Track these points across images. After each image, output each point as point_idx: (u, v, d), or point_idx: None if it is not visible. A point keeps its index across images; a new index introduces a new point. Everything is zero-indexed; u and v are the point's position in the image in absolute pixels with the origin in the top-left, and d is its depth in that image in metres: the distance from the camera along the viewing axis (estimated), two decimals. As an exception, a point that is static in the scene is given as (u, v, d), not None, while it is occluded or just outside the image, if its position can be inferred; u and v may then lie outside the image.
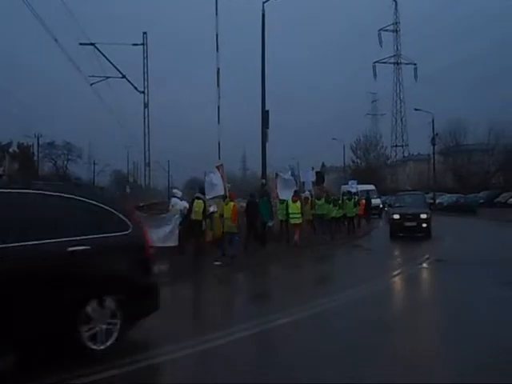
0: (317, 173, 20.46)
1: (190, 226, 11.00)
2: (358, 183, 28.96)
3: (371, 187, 30.99)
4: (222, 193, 12.30)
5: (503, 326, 5.56)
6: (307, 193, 16.85)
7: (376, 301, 7.27)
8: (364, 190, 27.48)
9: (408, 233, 16.30)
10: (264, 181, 17.64)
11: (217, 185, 12.28)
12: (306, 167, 19.41)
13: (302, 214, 14.21)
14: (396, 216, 16.66)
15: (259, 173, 20.26)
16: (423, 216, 16.23)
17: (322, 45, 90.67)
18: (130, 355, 4.36)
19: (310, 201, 15.83)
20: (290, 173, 16.36)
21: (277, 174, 16.14)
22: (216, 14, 17.25)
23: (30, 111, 65.92)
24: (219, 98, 17.13)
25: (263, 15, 17.59)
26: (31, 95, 71.60)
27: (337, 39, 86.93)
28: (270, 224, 13.60)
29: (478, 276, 8.93)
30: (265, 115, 17.53)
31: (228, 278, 10.24)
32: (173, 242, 10.53)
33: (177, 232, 10.65)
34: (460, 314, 6.20)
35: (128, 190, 33.68)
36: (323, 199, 16.88)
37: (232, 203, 11.63)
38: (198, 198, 11.21)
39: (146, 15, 75.48)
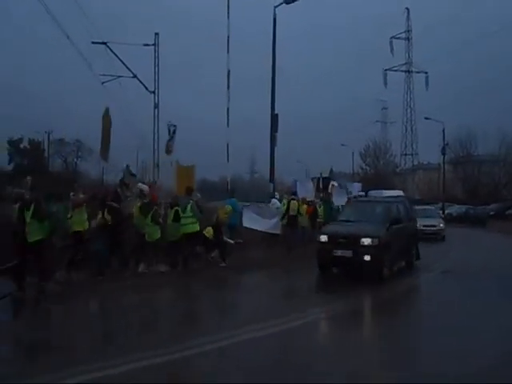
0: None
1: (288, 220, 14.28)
2: (380, 189, 27.42)
3: (399, 193, 28.20)
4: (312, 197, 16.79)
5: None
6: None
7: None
8: (391, 197, 25.24)
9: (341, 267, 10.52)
10: (272, 185, 17.59)
11: (307, 191, 16.99)
12: (314, 172, 20.08)
13: None
14: (323, 238, 10.06)
15: (267, 176, 20.24)
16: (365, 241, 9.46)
17: (332, 51, 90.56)
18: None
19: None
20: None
21: (333, 185, 19.35)
22: (228, 16, 17.30)
23: (41, 108, 66.57)
24: (229, 100, 17.13)
25: (274, 19, 17.59)
26: (43, 92, 72.37)
27: (347, 46, 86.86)
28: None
29: (483, 288, 8.91)
30: (274, 119, 17.49)
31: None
32: (278, 231, 14.16)
33: (279, 224, 14.23)
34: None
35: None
36: None
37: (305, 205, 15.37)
38: (293, 199, 14.71)
39: (158, 16, 76.02)
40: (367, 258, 9.29)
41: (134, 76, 18.86)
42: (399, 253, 10.56)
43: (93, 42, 17.47)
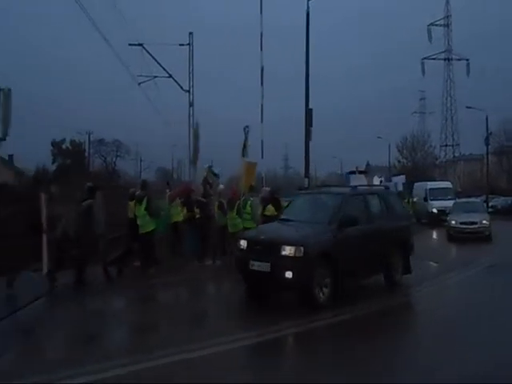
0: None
1: None
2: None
3: (447, 184, 26.01)
4: None
5: None
6: None
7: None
8: (438, 188, 24.03)
9: None
10: (307, 179, 17.46)
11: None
12: (349, 166, 19.86)
13: None
14: (242, 244, 7.59)
15: (301, 171, 20.12)
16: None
17: (367, 42, 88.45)
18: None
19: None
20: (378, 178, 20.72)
21: (381, 181, 20.45)
22: (260, 12, 17.23)
23: (81, 109, 69.04)
24: (262, 96, 17.10)
25: (308, 13, 17.38)
26: (84, 94, 75.01)
27: (383, 36, 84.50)
28: None
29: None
30: (308, 113, 17.33)
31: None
32: None
33: None
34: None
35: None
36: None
37: None
38: None
39: (192, 15, 76.94)
40: (288, 274, 6.56)
41: (170, 76, 19.25)
42: (361, 266, 7.64)
43: (129, 44, 17.97)
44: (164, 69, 18.77)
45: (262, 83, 17.13)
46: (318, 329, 6.03)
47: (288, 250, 6.69)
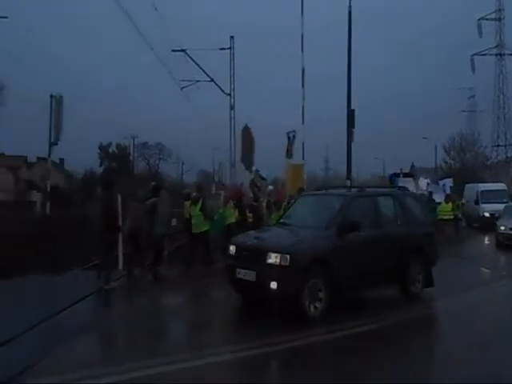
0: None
1: None
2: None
3: (500, 186, 24.17)
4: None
5: None
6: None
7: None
8: (491, 191, 22.52)
9: None
10: (349, 181, 17.07)
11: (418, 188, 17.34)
12: (392, 168, 19.70)
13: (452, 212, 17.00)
14: (231, 250, 7.26)
15: (341, 173, 19.80)
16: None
17: (413, 39, 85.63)
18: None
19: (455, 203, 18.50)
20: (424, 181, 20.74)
21: (428, 183, 20.23)
22: (302, 13, 17.09)
23: (127, 114, 71.70)
24: (304, 98, 16.94)
25: (349, 12, 17.00)
26: (128, 99, 77.84)
27: (429, 31, 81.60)
28: None
29: None
30: (350, 114, 16.93)
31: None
32: None
33: None
34: None
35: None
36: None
37: None
38: None
39: (233, 19, 77.90)
40: (273, 285, 5.95)
41: (211, 80, 19.51)
42: (367, 276, 6.81)
43: (173, 50, 18.40)
44: (206, 73, 19.07)
45: (302, 85, 16.99)
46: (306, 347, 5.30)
47: (274, 258, 6.03)
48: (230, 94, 20.23)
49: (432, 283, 7.81)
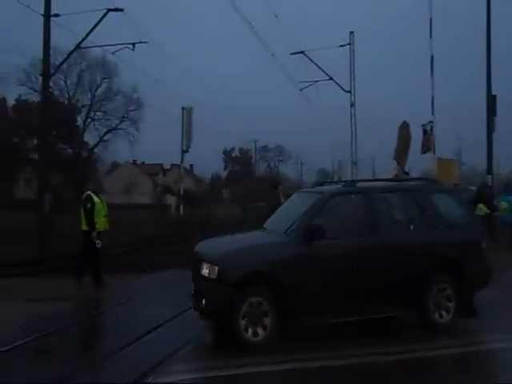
0: None
1: None
2: None
3: None
4: None
5: None
6: None
7: None
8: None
9: None
10: (490, 177, 15.31)
11: None
12: None
13: None
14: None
15: (477, 167, 17.83)
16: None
17: None
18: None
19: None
20: None
21: None
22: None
23: (249, 120, 75.37)
24: (433, 88, 15.70)
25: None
26: (249, 105, 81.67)
27: None
28: None
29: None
30: (491, 101, 15.20)
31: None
32: None
33: None
34: None
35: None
36: None
37: None
38: None
39: (352, 15, 76.20)
40: (203, 301, 5.01)
41: (330, 78, 19.34)
42: (350, 298, 5.22)
43: (291, 53, 18.73)
44: (325, 72, 18.96)
45: (431, 73, 15.76)
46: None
47: (205, 269, 5.02)
48: (350, 92, 19.80)
49: (472, 312, 5.67)
